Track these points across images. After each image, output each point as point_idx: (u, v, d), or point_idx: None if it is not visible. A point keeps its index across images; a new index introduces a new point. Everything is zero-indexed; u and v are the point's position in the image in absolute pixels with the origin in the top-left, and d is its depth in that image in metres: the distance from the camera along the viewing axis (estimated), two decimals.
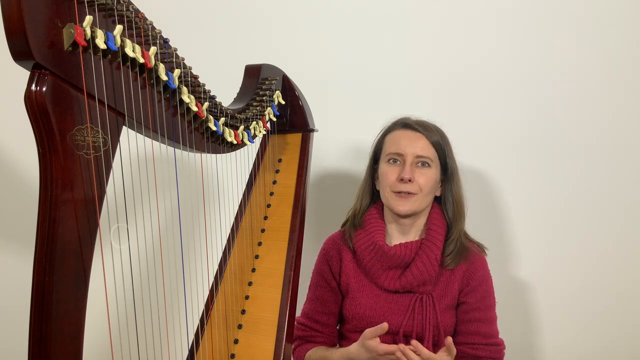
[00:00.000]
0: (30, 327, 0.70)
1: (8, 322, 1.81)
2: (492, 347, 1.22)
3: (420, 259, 1.19)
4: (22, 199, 1.79)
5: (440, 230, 1.23)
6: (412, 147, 1.21)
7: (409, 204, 1.20)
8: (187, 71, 0.92)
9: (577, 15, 1.53)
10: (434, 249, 1.20)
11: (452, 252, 1.21)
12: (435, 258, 1.20)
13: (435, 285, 1.21)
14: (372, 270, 1.23)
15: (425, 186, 1.20)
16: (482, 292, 1.23)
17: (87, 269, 0.74)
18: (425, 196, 1.21)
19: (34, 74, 0.67)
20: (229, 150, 1.12)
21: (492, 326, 1.24)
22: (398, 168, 1.21)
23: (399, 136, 1.24)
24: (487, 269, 1.26)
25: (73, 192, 0.71)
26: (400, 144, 1.22)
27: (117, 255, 0.93)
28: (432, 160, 1.22)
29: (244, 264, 1.20)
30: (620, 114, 1.53)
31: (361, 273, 1.26)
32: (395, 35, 1.64)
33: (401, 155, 1.21)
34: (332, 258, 1.31)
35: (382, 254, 1.21)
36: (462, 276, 1.22)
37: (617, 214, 1.55)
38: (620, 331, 1.57)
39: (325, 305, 1.30)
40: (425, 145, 1.22)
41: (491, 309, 1.25)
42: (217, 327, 1.10)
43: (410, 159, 1.20)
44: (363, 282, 1.25)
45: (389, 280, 1.21)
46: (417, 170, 1.20)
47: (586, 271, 1.57)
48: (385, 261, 1.21)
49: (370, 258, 1.23)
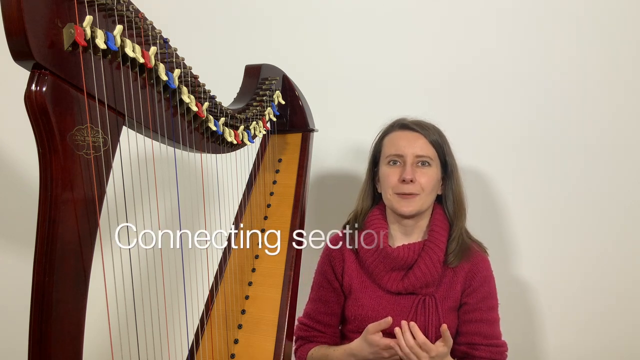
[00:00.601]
0: (30, 327, 0.70)
1: (8, 322, 1.81)
2: (492, 348, 1.21)
3: (423, 260, 1.19)
4: (22, 199, 1.79)
5: (443, 231, 1.23)
6: (412, 148, 1.21)
7: (413, 205, 1.20)
8: (187, 71, 0.92)
9: (577, 15, 1.53)
10: (436, 251, 1.20)
11: (454, 250, 1.21)
12: (438, 260, 1.19)
13: (438, 287, 1.21)
14: (375, 272, 1.23)
15: (427, 185, 1.20)
16: (484, 292, 1.22)
17: (87, 269, 0.74)
18: (428, 195, 1.21)
19: (34, 74, 0.67)
20: (229, 150, 1.12)
21: (493, 327, 1.23)
22: (399, 169, 1.21)
23: (397, 137, 1.25)
24: (490, 270, 1.26)
25: (73, 192, 0.71)
26: (400, 145, 1.22)
27: (117, 255, 0.93)
28: (432, 159, 1.22)
29: (244, 264, 1.20)
30: (620, 113, 1.53)
31: (364, 274, 1.26)
32: (395, 35, 1.64)
33: (401, 156, 1.21)
34: (334, 259, 1.30)
35: (385, 255, 1.21)
36: (464, 277, 1.22)
37: (617, 214, 1.55)
38: (620, 331, 1.57)
39: (328, 306, 1.30)
40: (424, 145, 1.22)
41: (493, 310, 1.24)
42: (217, 327, 1.10)
43: (411, 159, 1.20)
44: (366, 284, 1.25)
45: (392, 282, 1.21)
46: (418, 170, 1.20)
47: (586, 271, 1.57)
48: (388, 263, 1.21)
49: (373, 259, 1.23)
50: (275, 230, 1.22)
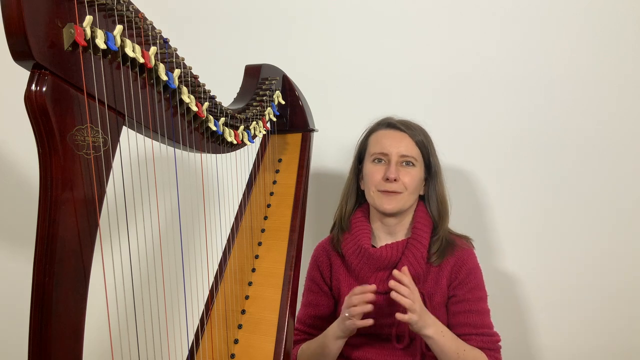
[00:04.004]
0: (30, 327, 0.70)
1: (8, 322, 1.81)
2: (484, 337, 1.20)
3: (406, 258, 1.20)
4: (22, 199, 1.79)
5: (426, 228, 1.23)
6: (397, 147, 1.22)
7: (395, 202, 1.21)
8: (187, 71, 0.92)
9: (577, 15, 1.53)
10: (419, 247, 1.20)
11: (438, 250, 1.22)
12: (422, 256, 1.20)
13: (424, 283, 1.22)
14: (360, 274, 1.24)
15: (410, 185, 1.21)
16: (471, 284, 1.22)
17: (87, 269, 0.74)
18: (410, 195, 1.23)
19: (34, 74, 0.67)
20: (229, 150, 1.12)
21: (483, 317, 1.22)
22: (383, 167, 1.22)
23: (383, 136, 1.26)
24: (475, 261, 1.26)
25: (73, 192, 0.71)
26: (385, 144, 1.23)
27: (117, 255, 0.93)
28: (416, 159, 1.23)
29: (244, 264, 1.20)
30: (611, 113, 1.53)
31: (351, 277, 1.27)
32: (395, 35, 1.64)
33: (386, 154, 1.22)
34: (322, 264, 1.32)
35: (368, 256, 1.22)
36: (450, 270, 1.22)
37: (608, 212, 1.55)
38: (612, 328, 1.57)
39: (318, 309, 1.31)
40: (409, 145, 1.23)
41: (482, 300, 1.24)
42: (217, 327, 1.10)
43: (395, 158, 1.21)
44: (353, 286, 1.25)
45: (378, 282, 1.21)
46: (401, 169, 1.21)
47: (578, 271, 1.57)
48: (372, 263, 1.22)
49: (357, 262, 1.24)
50: (275, 229, 1.22)
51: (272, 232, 1.24)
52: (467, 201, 1.61)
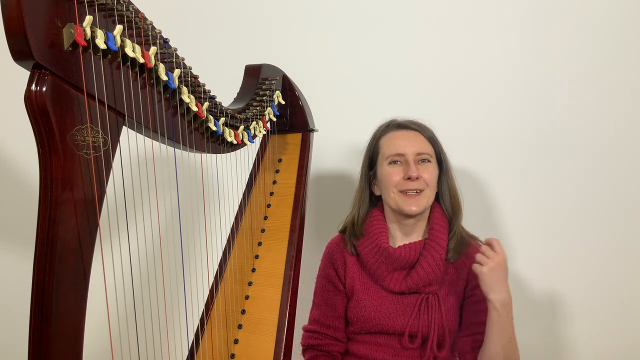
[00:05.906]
0: (30, 327, 0.70)
1: (8, 322, 1.81)
2: None
3: (425, 259, 1.19)
4: (22, 199, 1.79)
5: (443, 229, 1.23)
6: (412, 146, 1.22)
7: (419, 203, 1.20)
8: (187, 71, 0.92)
9: (578, 15, 1.53)
10: (438, 249, 1.20)
11: (454, 247, 1.22)
12: (441, 258, 1.20)
13: (441, 285, 1.21)
14: (377, 273, 1.23)
15: (430, 181, 1.21)
16: None
17: (87, 269, 0.74)
18: (432, 191, 1.22)
19: (34, 74, 0.67)
20: (229, 150, 1.12)
21: None
22: (400, 168, 1.22)
23: (395, 137, 1.25)
24: None
25: (73, 192, 0.71)
26: (399, 145, 1.23)
27: (117, 255, 0.93)
28: (431, 155, 1.23)
29: (244, 264, 1.20)
30: (616, 114, 1.53)
31: (365, 275, 1.26)
32: (395, 35, 1.64)
33: (402, 155, 1.22)
34: (336, 261, 1.30)
35: (386, 255, 1.21)
36: (467, 274, 1.22)
37: (616, 213, 1.55)
38: (625, 328, 1.57)
39: (335, 309, 1.29)
40: (423, 142, 1.23)
41: None
42: (217, 327, 1.10)
43: (412, 157, 1.21)
44: (368, 284, 1.25)
45: (395, 282, 1.21)
46: (420, 166, 1.21)
47: (586, 271, 1.57)
48: (390, 263, 1.21)
49: (375, 260, 1.23)
50: (275, 229, 1.22)
51: (272, 232, 1.24)
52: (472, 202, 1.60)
